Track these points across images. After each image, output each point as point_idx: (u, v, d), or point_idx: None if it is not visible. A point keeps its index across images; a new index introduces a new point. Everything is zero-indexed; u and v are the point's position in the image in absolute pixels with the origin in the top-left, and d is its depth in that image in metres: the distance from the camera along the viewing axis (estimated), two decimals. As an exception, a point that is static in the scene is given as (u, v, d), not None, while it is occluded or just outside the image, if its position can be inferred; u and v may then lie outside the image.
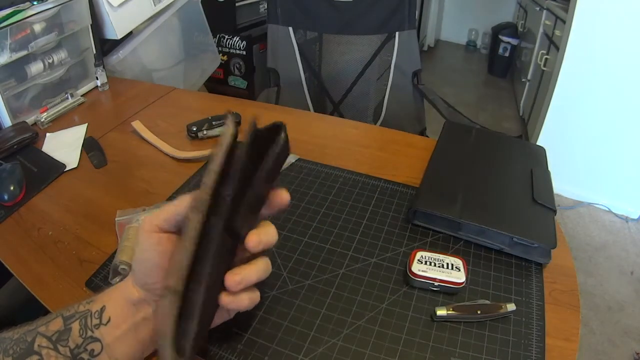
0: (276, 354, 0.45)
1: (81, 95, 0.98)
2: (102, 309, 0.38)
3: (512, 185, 0.65)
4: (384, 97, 1.32)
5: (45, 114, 0.89)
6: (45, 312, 0.49)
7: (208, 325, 0.39)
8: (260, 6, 2.09)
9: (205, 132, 0.81)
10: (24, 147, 0.80)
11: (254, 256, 0.39)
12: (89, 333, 0.37)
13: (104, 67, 1.03)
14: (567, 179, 1.86)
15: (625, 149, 1.72)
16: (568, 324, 0.49)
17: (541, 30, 2.29)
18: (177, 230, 0.37)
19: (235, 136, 0.35)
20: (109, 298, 0.39)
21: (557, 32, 1.95)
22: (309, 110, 1.34)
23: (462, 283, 0.50)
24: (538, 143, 1.22)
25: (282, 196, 0.40)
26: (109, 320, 0.37)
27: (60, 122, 0.90)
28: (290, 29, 1.28)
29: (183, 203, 0.36)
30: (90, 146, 0.80)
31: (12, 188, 0.67)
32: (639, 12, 1.48)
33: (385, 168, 0.73)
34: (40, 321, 0.38)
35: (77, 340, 0.36)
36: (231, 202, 0.34)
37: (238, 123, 0.97)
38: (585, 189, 1.88)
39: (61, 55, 0.94)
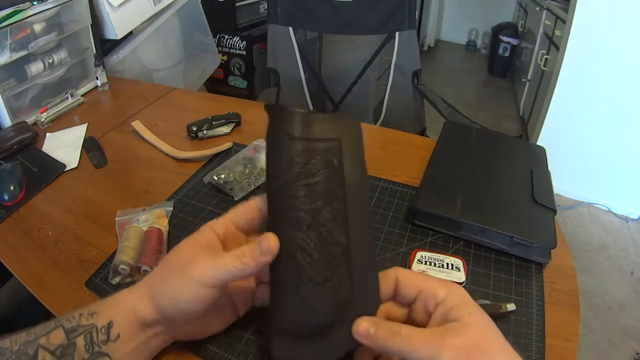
0: (276, 354, 0.44)
1: (81, 95, 0.98)
2: (110, 325, 0.36)
3: (512, 185, 0.65)
4: (384, 97, 1.32)
5: (45, 114, 0.89)
6: (46, 312, 0.49)
7: None
8: (260, 6, 2.09)
9: (205, 132, 0.81)
10: (24, 147, 0.80)
11: None
12: (97, 348, 0.36)
13: (104, 67, 1.02)
14: (567, 179, 1.86)
15: (625, 149, 1.72)
16: (568, 324, 0.48)
17: (541, 30, 2.29)
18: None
19: None
20: (115, 313, 0.37)
21: (557, 32, 1.95)
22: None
23: (462, 283, 0.50)
24: (538, 143, 1.22)
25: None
26: (117, 337, 0.36)
27: (60, 122, 0.90)
28: (290, 29, 1.28)
29: (236, 261, 0.36)
30: (90, 146, 0.80)
31: (12, 188, 0.67)
32: (639, 12, 1.48)
33: (385, 168, 0.73)
34: (40, 330, 0.36)
35: (83, 354, 0.35)
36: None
37: (238, 123, 0.96)
38: (585, 189, 1.88)
39: (61, 55, 0.94)
